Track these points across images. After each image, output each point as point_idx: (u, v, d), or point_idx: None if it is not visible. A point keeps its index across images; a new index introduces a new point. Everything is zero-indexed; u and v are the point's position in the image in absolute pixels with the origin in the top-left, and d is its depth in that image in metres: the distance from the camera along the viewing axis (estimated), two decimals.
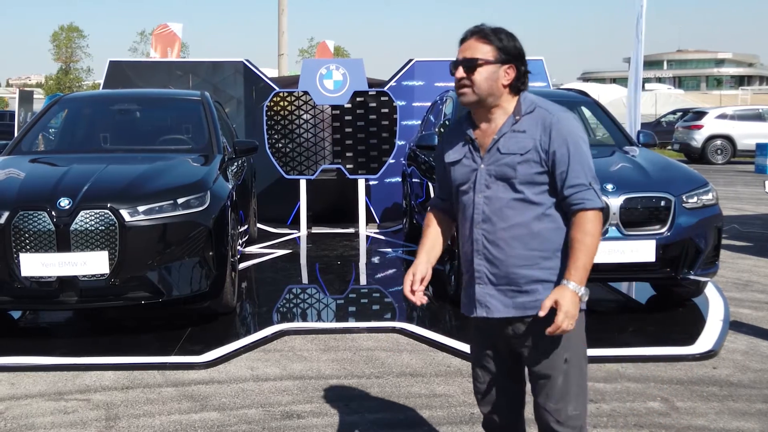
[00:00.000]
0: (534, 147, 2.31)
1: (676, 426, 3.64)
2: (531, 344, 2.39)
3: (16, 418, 3.77)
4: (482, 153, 2.37)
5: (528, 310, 2.35)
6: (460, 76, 2.33)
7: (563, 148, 2.30)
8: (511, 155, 2.32)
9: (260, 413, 3.81)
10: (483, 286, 2.40)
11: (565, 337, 2.34)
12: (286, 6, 18.55)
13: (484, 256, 2.38)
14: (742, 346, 4.83)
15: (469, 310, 2.48)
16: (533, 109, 2.36)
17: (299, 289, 6.48)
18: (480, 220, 2.37)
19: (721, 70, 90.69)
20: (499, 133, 2.35)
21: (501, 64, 2.32)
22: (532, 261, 2.34)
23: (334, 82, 9.09)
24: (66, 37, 56.24)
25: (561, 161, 2.31)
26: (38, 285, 4.65)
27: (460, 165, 2.42)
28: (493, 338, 2.49)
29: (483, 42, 2.32)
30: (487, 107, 2.35)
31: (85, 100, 7.36)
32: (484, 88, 2.31)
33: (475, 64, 2.30)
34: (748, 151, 20.36)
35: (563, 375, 2.37)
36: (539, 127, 2.32)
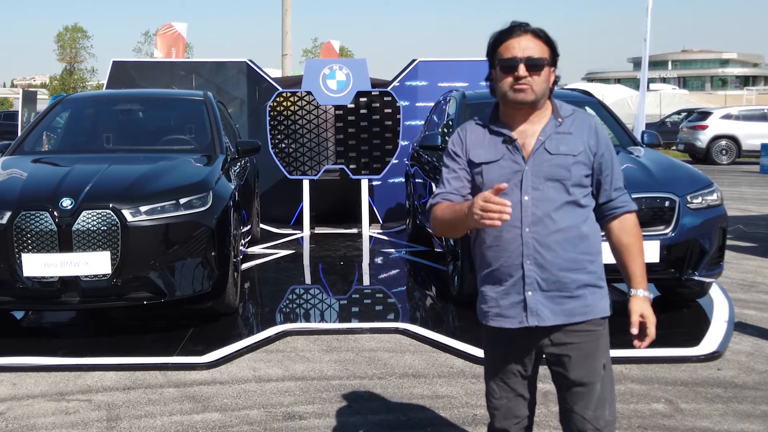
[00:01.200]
0: (585, 149, 2.30)
1: (680, 428, 3.61)
2: (572, 352, 2.32)
3: (17, 419, 3.76)
4: (525, 154, 2.30)
5: (576, 317, 2.29)
6: (523, 74, 2.24)
7: (608, 152, 2.33)
8: (564, 156, 2.28)
9: (262, 414, 3.80)
10: (533, 293, 2.29)
11: (603, 342, 2.34)
12: (289, 6, 18.56)
13: (534, 260, 2.27)
14: (746, 348, 4.80)
15: (507, 320, 2.32)
16: (572, 112, 2.36)
17: (302, 290, 6.47)
18: (530, 222, 2.27)
19: (726, 70, 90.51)
20: (543, 135, 2.30)
21: (550, 66, 2.30)
22: (581, 264, 2.29)
23: (337, 82, 9.07)
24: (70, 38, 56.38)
25: (606, 164, 2.33)
26: (40, 285, 4.64)
27: (497, 165, 2.31)
28: (526, 349, 2.37)
29: (540, 41, 2.28)
30: (533, 109, 2.31)
31: (88, 101, 7.36)
32: (542, 89, 2.28)
33: (541, 63, 2.26)
34: (753, 152, 20.31)
35: (601, 381, 2.33)
36: (585, 130, 2.32)
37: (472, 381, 4.22)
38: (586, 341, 2.31)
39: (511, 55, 2.25)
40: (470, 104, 7.07)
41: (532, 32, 2.28)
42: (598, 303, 2.33)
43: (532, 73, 2.24)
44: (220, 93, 9.75)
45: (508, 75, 2.25)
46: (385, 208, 10.18)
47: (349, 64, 9.34)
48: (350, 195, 9.60)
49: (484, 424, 3.64)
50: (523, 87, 2.24)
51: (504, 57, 2.26)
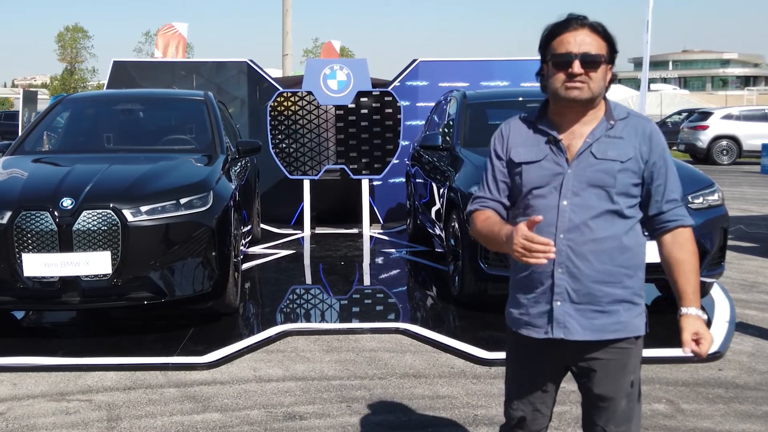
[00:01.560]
0: (635, 156, 2.15)
1: (681, 428, 3.60)
2: (599, 368, 2.22)
3: (17, 419, 3.75)
4: (569, 156, 2.17)
5: (607, 334, 2.17)
6: (578, 71, 2.09)
7: (661, 160, 2.17)
8: (610, 161, 2.13)
9: (262, 414, 3.79)
10: (562, 304, 2.17)
11: (633, 360, 2.24)
12: (290, 6, 18.56)
13: (566, 269, 2.15)
14: (748, 348, 4.79)
15: (534, 329, 2.23)
16: (627, 115, 2.20)
17: (302, 290, 6.46)
18: (566, 228, 2.14)
19: (727, 70, 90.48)
20: (591, 137, 2.16)
21: (608, 64, 2.16)
22: (617, 278, 2.16)
23: (337, 82, 9.07)
24: (71, 38, 56.43)
25: (659, 173, 2.17)
26: (41, 285, 4.64)
27: (538, 166, 2.19)
28: (551, 360, 2.28)
29: (598, 37, 2.13)
30: (586, 109, 2.17)
31: (88, 100, 7.36)
32: (599, 88, 2.13)
33: (599, 60, 2.11)
34: (753, 152, 20.31)
35: (627, 398, 2.24)
36: (638, 135, 2.17)
37: (472, 381, 4.22)
38: (615, 358, 2.21)
39: (566, 50, 2.11)
40: (471, 104, 7.07)
41: (589, 26, 2.13)
42: (633, 321, 2.21)
43: (588, 70, 2.10)
44: (221, 93, 9.75)
45: (562, 71, 2.11)
46: (385, 208, 10.17)
47: (350, 64, 9.34)
48: (351, 195, 9.60)
49: (485, 424, 3.64)
50: (578, 84, 2.10)
51: (558, 52, 2.12)
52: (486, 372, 4.37)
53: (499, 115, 7.55)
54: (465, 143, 6.57)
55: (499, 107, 7.55)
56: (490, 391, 4.05)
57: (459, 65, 10.32)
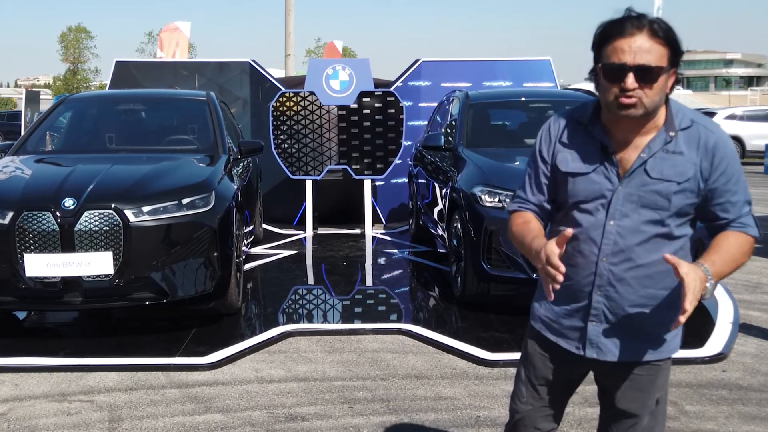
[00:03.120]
0: (694, 175, 1.93)
1: (685, 430, 3.59)
2: (626, 383, 2.11)
3: (19, 419, 3.75)
4: (620, 171, 1.97)
5: (645, 355, 2.07)
6: (632, 86, 1.85)
7: (724, 177, 1.96)
8: (666, 182, 1.93)
9: (264, 415, 3.78)
10: (598, 325, 2.06)
11: (661, 378, 2.12)
12: (292, 6, 18.55)
13: (605, 294, 2.02)
14: (751, 349, 4.77)
15: (564, 339, 2.13)
16: (690, 123, 1.96)
17: (305, 290, 6.45)
18: (610, 252, 1.99)
19: (730, 70, 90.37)
20: (647, 152, 1.94)
21: (669, 70, 1.90)
22: (659, 300, 2.01)
23: (340, 82, 9.06)
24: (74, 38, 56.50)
25: (723, 191, 1.97)
26: (42, 285, 4.63)
27: (586, 179, 2.00)
28: (570, 369, 2.19)
29: (657, 41, 1.86)
30: (644, 120, 1.93)
31: (91, 101, 7.35)
32: (657, 101, 1.89)
33: (657, 73, 1.85)
34: (757, 152, 20.27)
35: (650, 415, 2.13)
36: (700, 149, 1.94)
37: (475, 382, 4.20)
38: (644, 375, 2.10)
39: (620, 60, 1.86)
40: (473, 104, 7.05)
41: (649, 29, 1.86)
42: (672, 341, 2.10)
43: (644, 85, 1.85)
44: (223, 93, 9.74)
45: (614, 84, 1.88)
46: (388, 209, 10.16)
47: (352, 64, 9.33)
48: (353, 195, 9.58)
49: (487, 425, 3.63)
50: (631, 102, 1.87)
51: (610, 61, 1.88)
52: (488, 373, 4.35)
53: (501, 115, 7.54)
54: (467, 143, 6.55)
55: (502, 107, 7.54)
56: (493, 392, 4.04)
57: (462, 65, 10.30)
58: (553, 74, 10.21)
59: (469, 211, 5.54)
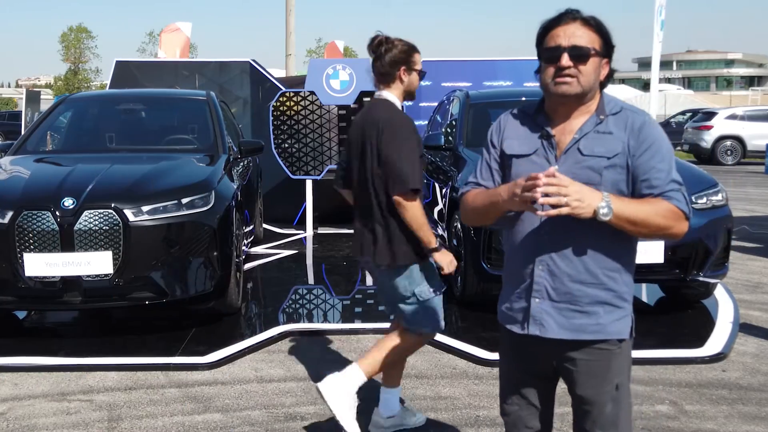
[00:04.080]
0: (623, 151, 2.08)
1: (684, 430, 3.58)
2: (579, 368, 2.17)
3: (18, 419, 3.75)
4: (558, 152, 2.13)
5: (583, 334, 2.13)
6: (566, 64, 2.04)
7: (649, 154, 2.08)
8: (597, 158, 2.08)
9: (264, 415, 3.78)
10: (540, 301, 2.15)
11: (616, 363, 2.16)
12: (293, 6, 18.54)
13: (546, 267, 2.12)
14: (752, 349, 4.77)
15: (515, 324, 2.23)
16: (619, 109, 2.14)
17: (305, 290, 6.45)
18: (550, 226, 2.10)
19: (731, 70, 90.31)
20: (580, 133, 2.11)
21: (602, 57, 2.10)
22: (599, 279, 2.11)
23: (340, 82, 9.05)
24: (75, 38, 56.46)
25: (648, 167, 2.08)
26: (42, 285, 4.64)
27: (527, 160, 2.15)
28: (533, 357, 2.25)
29: (589, 29, 2.08)
30: (578, 103, 2.12)
31: (91, 100, 7.36)
32: (590, 82, 2.08)
33: (588, 53, 2.05)
34: (758, 152, 20.25)
35: (612, 401, 2.17)
36: (627, 129, 2.10)
37: (474, 382, 4.20)
38: (596, 360, 2.15)
39: (555, 43, 2.07)
40: (474, 104, 7.05)
41: (581, 19, 2.08)
42: (614, 323, 2.14)
43: (578, 63, 2.05)
44: (224, 93, 9.74)
45: (551, 65, 2.07)
46: None
47: (353, 64, 9.32)
48: None
49: (486, 425, 3.62)
50: (566, 79, 2.05)
51: (548, 46, 2.09)
52: (488, 372, 4.35)
53: None
54: (467, 143, 6.55)
55: (502, 107, 7.40)
56: (493, 391, 4.03)
57: (462, 65, 10.30)
58: None
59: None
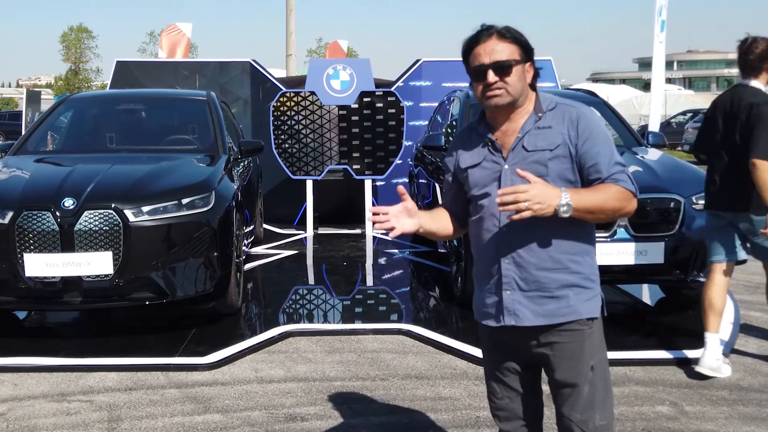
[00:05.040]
0: (563, 142, 2.21)
1: (685, 431, 3.58)
2: (555, 352, 2.26)
3: (18, 419, 3.75)
4: (505, 153, 2.26)
5: (557, 318, 2.23)
6: (492, 80, 2.19)
7: (590, 142, 2.21)
8: (540, 152, 2.21)
9: (264, 415, 3.78)
10: (511, 293, 2.25)
11: (589, 343, 2.25)
12: (294, 6, 18.55)
13: (512, 260, 2.24)
14: (752, 350, 4.77)
15: (491, 319, 2.32)
16: (555, 105, 2.28)
17: (305, 290, 6.45)
18: (508, 223, 2.20)
19: (732, 70, 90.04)
20: (522, 131, 2.25)
21: (524, 63, 2.23)
22: (563, 264, 2.23)
23: (341, 82, 9.06)
24: (75, 38, 56.40)
25: (591, 154, 2.20)
26: (42, 285, 4.63)
27: (479, 168, 2.31)
28: (513, 348, 2.34)
29: (506, 42, 2.22)
30: (514, 108, 2.26)
31: (91, 100, 7.35)
32: (518, 89, 2.22)
33: (509, 65, 2.19)
34: None
35: (589, 383, 2.25)
36: (565, 122, 2.23)
37: (474, 383, 4.20)
38: (570, 341, 2.24)
39: (479, 62, 2.22)
40: (474, 104, 7.04)
41: (497, 34, 2.22)
42: (583, 303, 2.24)
43: (502, 76, 2.19)
44: (224, 93, 9.74)
45: (480, 82, 2.22)
46: None
47: (353, 64, 9.33)
48: (354, 195, 9.58)
49: (487, 426, 3.62)
50: (496, 93, 2.21)
51: (473, 65, 2.24)
52: None
53: None
54: None
55: None
56: None
57: (462, 65, 10.26)
58: (554, 74, 10.20)
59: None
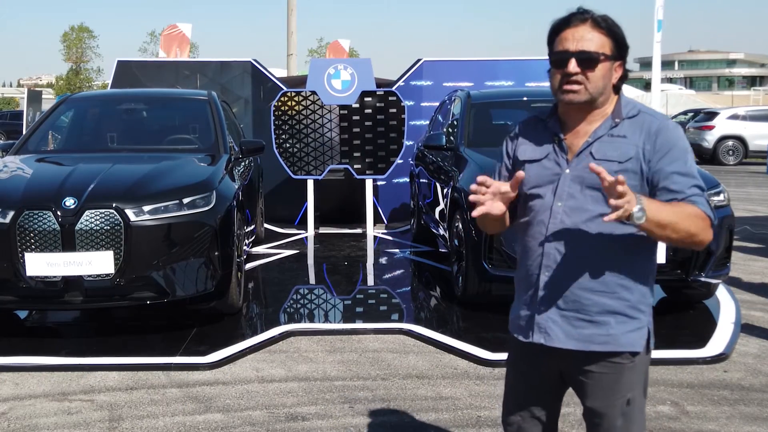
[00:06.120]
0: (636, 155, 1.99)
1: (686, 430, 3.58)
2: (589, 380, 2.10)
3: (19, 419, 3.75)
4: (569, 156, 2.06)
5: (592, 345, 2.04)
6: (573, 71, 1.97)
7: (670, 159, 1.98)
8: (608, 162, 1.98)
9: (265, 415, 3.78)
10: (546, 309, 2.08)
11: (628, 377, 2.08)
12: (295, 6, 18.55)
13: (553, 274, 2.05)
14: (753, 350, 4.76)
15: (520, 332, 2.17)
16: (636, 113, 2.05)
17: (306, 290, 6.45)
18: (556, 231, 2.03)
19: (733, 70, 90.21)
20: (593, 136, 2.03)
21: (613, 61, 2.01)
22: (611, 288, 2.02)
23: (341, 81, 9.05)
24: (76, 38, 56.42)
25: (668, 173, 1.97)
26: (43, 285, 4.63)
27: (538, 165, 2.10)
28: (540, 367, 2.18)
29: (599, 32, 1.98)
30: (591, 109, 2.04)
31: (92, 100, 7.36)
32: (599, 88, 1.99)
33: (596, 58, 1.96)
34: (760, 152, 20.21)
35: (622, 416, 2.09)
36: (643, 134, 2.01)
37: (476, 382, 4.20)
38: (607, 373, 2.07)
39: (563, 47, 1.99)
40: (475, 104, 7.04)
41: (592, 20, 1.98)
42: (626, 335, 2.05)
43: (586, 69, 1.96)
44: (225, 93, 9.74)
45: (559, 70, 2.00)
46: (389, 208, 10.15)
47: (354, 63, 9.32)
48: (355, 195, 9.58)
49: (488, 425, 3.62)
50: (573, 87, 1.98)
51: (556, 50, 2.01)
52: (489, 373, 4.34)
53: (503, 115, 7.52)
54: (469, 143, 6.55)
55: (504, 107, 7.52)
56: (494, 392, 4.03)
57: (463, 65, 10.29)
58: None
59: (470, 211, 5.52)
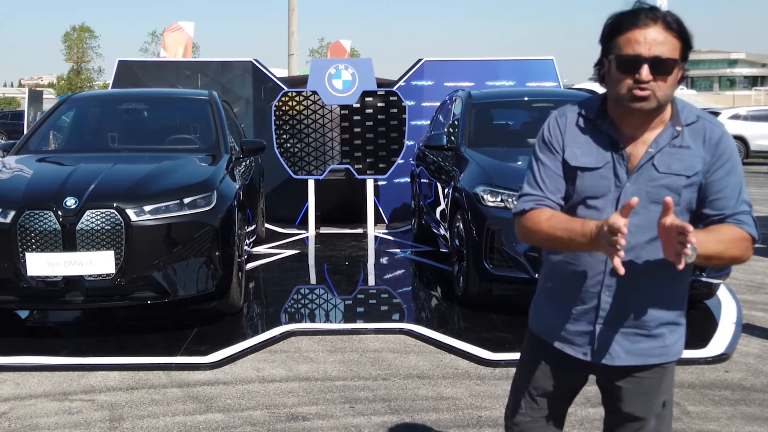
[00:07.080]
0: (702, 169, 1.90)
1: (687, 431, 3.57)
2: (632, 386, 2.05)
3: (20, 419, 3.75)
4: (630, 167, 1.91)
5: (651, 358, 2.01)
6: (647, 78, 1.80)
7: (725, 170, 1.90)
8: (675, 176, 1.88)
9: (265, 415, 3.77)
10: (607, 327, 1.98)
11: (667, 379, 2.07)
12: (296, 6, 18.55)
13: (616, 292, 1.95)
14: (755, 350, 4.76)
15: (568, 345, 2.06)
16: (696, 119, 1.92)
17: (307, 290, 6.45)
18: None
19: (734, 70, 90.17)
20: (655, 146, 1.89)
21: (680, 64, 1.86)
22: (667, 300, 1.98)
23: (342, 81, 9.05)
24: (77, 38, 56.49)
25: (721, 186, 1.89)
26: (44, 284, 4.64)
27: (596, 174, 1.93)
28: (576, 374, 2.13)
29: (671, 34, 1.83)
30: (655, 115, 1.89)
31: (93, 100, 7.36)
32: (669, 95, 1.85)
33: (672, 65, 1.82)
34: (761, 152, 20.22)
35: (656, 417, 2.08)
36: (705, 143, 1.90)
37: (476, 382, 4.19)
38: (649, 378, 2.05)
39: (635, 51, 1.81)
40: (476, 104, 7.04)
41: (663, 21, 1.82)
42: (676, 343, 2.04)
43: (658, 77, 1.81)
44: (226, 92, 9.75)
45: (628, 76, 1.83)
46: (390, 208, 10.15)
47: (355, 63, 9.32)
48: (355, 195, 9.58)
49: (488, 426, 3.62)
50: (645, 94, 1.82)
51: (624, 53, 1.83)
52: (490, 373, 4.34)
53: (504, 115, 7.53)
54: (470, 143, 6.54)
55: (505, 107, 7.53)
56: (495, 392, 4.03)
57: (464, 65, 10.29)
58: (556, 74, 10.19)
59: (471, 211, 5.53)
